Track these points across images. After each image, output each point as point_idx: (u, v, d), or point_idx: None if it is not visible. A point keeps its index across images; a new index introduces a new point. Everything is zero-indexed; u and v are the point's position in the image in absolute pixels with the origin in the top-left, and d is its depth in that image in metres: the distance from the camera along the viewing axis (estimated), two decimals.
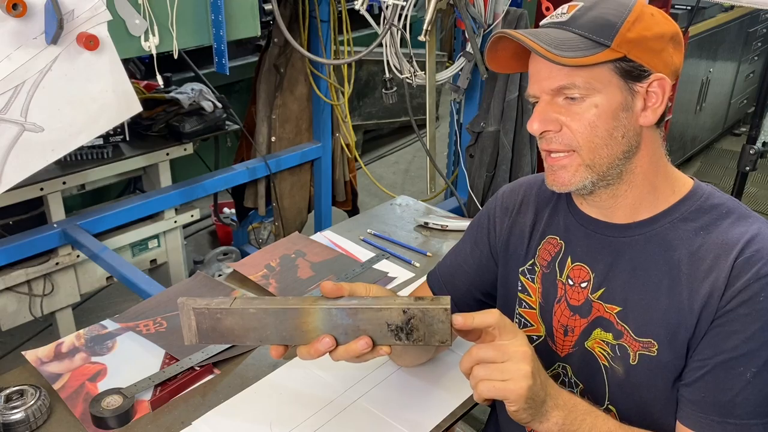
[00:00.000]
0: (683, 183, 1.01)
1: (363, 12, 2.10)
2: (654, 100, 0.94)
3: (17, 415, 1.13)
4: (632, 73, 0.92)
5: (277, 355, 1.00)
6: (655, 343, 0.96)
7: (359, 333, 0.96)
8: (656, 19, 0.93)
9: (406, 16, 2.08)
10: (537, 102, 0.98)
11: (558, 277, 1.07)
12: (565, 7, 0.97)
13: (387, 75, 2.26)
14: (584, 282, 1.03)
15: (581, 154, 0.95)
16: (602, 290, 1.01)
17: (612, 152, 0.94)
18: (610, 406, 1.03)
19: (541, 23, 0.99)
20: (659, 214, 0.99)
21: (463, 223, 1.86)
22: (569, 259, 1.06)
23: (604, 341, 1.01)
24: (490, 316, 0.91)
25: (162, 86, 1.94)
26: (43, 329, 2.73)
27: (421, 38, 2.13)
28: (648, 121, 0.95)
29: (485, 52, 1.02)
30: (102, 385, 1.25)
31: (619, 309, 0.99)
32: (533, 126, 0.97)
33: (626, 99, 0.93)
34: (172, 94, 2.62)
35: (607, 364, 1.01)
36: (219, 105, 2.66)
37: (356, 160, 3.10)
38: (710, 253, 0.93)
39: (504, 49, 1.00)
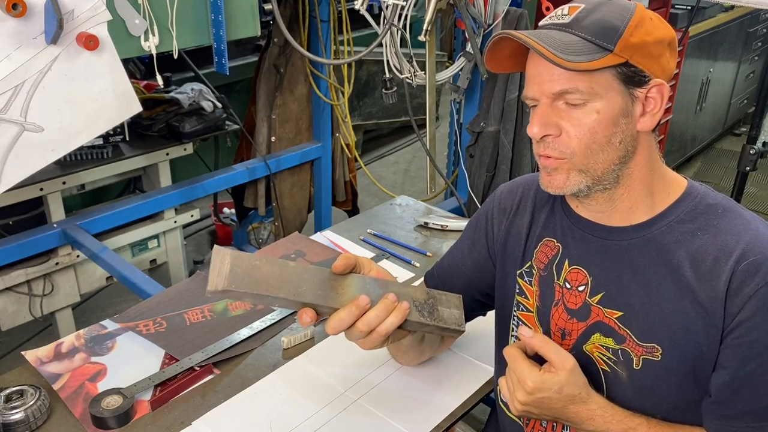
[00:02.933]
0: (678, 184, 1.00)
1: (363, 12, 2.10)
2: (652, 105, 0.94)
3: (17, 415, 1.13)
4: (633, 78, 0.91)
5: (309, 319, 0.95)
6: (660, 348, 0.95)
7: None
8: (655, 23, 0.93)
9: (406, 16, 2.08)
10: (535, 104, 0.97)
11: (555, 280, 1.07)
12: (565, 8, 0.95)
13: (387, 75, 2.26)
14: (582, 285, 1.03)
15: (573, 160, 0.94)
16: (601, 294, 1.01)
17: (608, 158, 0.94)
18: None
19: (541, 23, 0.98)
20: (656, 216, 0.98)
21: (463, 223, 1.86)
22: (566, 262, 1.05)
23: (603, 346, 1.01)
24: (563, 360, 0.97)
25: (162, 86, 1.94)
26: (43, 329, 2.73)
27: (421, 38, 2.13)
28: (646, 126, 0.94)
29: (485, 51, 1.01)
30: (102, 385, 1.25)
31: (620, 314, 0.99)
32: (533, 130, 0.95)
33: (626, 104, 0.92)
34: (172, 94, 2.62)
35: (606, 368, 1.01)
36: (219, 105, 2.66)
37: (356, 160, 3.10)
38: (709, 256, 0.93)
39: (502, 49, 0.99)
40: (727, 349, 0.91)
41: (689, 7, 3.56)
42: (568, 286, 1.04)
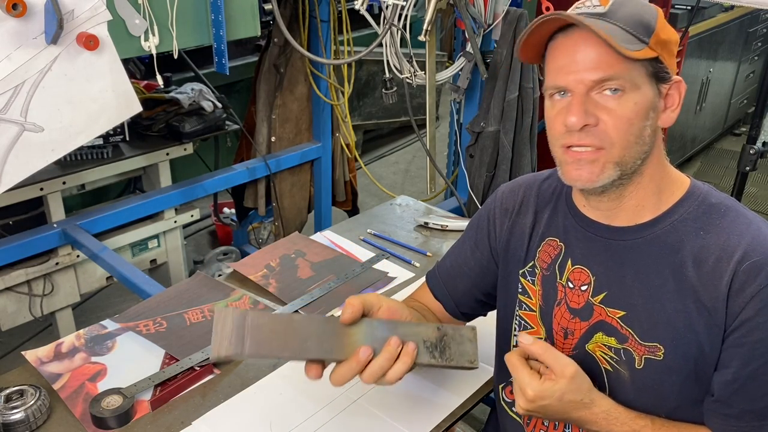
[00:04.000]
0: (681, 183, 1.01)
1: (363, 12, 2.10)
2: (671, 102, 0.95)
3: (17, 415, 1.13)
4: (659, 74, 0.92)
5: (316, 374, 0.96)
6: (662, 347, 0.96)
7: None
8: (667, 24, 0.95)
9: (406, 16, 2.08)
10: (560, 94, 0.94)
11: (558, 280, 1.07)
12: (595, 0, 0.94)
13: (387, 75, 2.26)
14: (584, 285, 1.03)
15: (612, 151, 0.92)
16: (604, 294, 1.01)
17: (639, 151, 0.93)
18: None
19: (572, 11, 0.94)
20: (660, 216, 0.98)
21: (463, 223, 1.86)
22: (569, 262, 1.05)
23: (606, 345, 1.01)
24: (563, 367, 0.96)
25: (162, 86, 1.94)
26: (43, 329, 2.73)
27: (421, 38, 2.13)
28: (668, 122, 0.95)
29: (524, 34, 0.95)
30: (102, 385, 1.25)
31: (623, 313, 0.99)
32: (570, 120, 0.91)
33: (655, 99, 0.93)
34: (172, 94, 2.62)
35: (608, 367, 1.01)
36: (219, 105, 2.66)
37: (356, 160, 3.10)
38: (711, 255, 0.93)
39: (535, 35, 0.95)
40: (729, 349, 0.92)
41: (689, 7, 3.56)
42: (571, 285, 1.04)
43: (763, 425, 0.92)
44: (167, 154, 2.57)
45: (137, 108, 1.55)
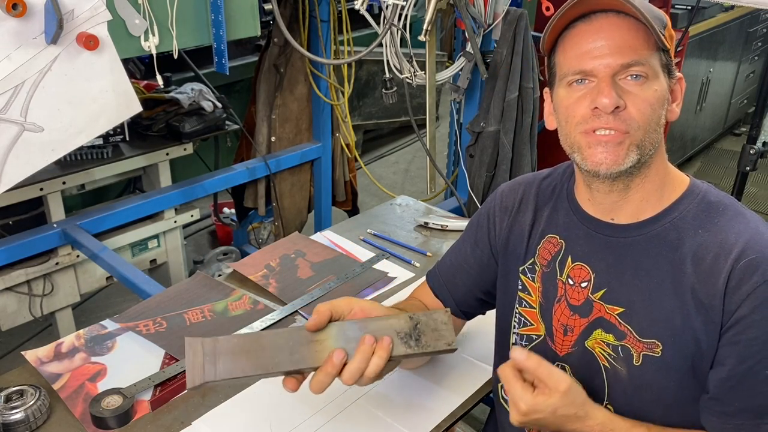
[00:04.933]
0: (680, 181, 1.02)
1: (363, 12, 2.10)
2: (674, 97, 0.98)
3: (17, 415, 1.13)
4: (668, 67, 0.95)
5: (291, 387, 0.97)
6: (660, 344, 0.96)
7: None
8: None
9: (406, 16, 2.08)
10: (580, 80, 0.94)
11: (558, 277, 1.07)
12: None
13: (387, 75, 2.26)
14: (584, 282, 1.03)
15: (636, 134, 0.93)
16: (603, 291, 1.01)
17: (656, 138, 0.95)
18: (608, 406, 1.03)
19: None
20: (660, 213, 0.99)
21: (463, 223, 1.86)
22: (569, 259, 1.06)
23: (605, 342, 1.01)
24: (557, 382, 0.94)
25: (162, 86, 1.94)
26: (43, 329, 2.73)
27: (421, 38, 2.13)
28: (674, 116, 0.98)
29: (553, 19, 0.95)
30: (102, 385, 1.25)
31: (621, 310, 0.99)
32: (603, 101, 0.91)
33: (667, 90, 0.95)
34: (172, 94, 2.62)
35: (607, 364, 1.01)
36: (219, 105, 2.66)
37: (356, 160, 3.10)
38: (709, 253, 0.93)
39: (561, 19, 0.95)
40: (725, 346, 0.92)
41: (689, 7, 3.56)
42: (571, 282, 1.05)
43: (759, 424, 0.92)
44: (167, 154, 2.57)
45: (137, 108, 1.55)
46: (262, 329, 1.41)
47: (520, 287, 1.13)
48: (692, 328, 0.93)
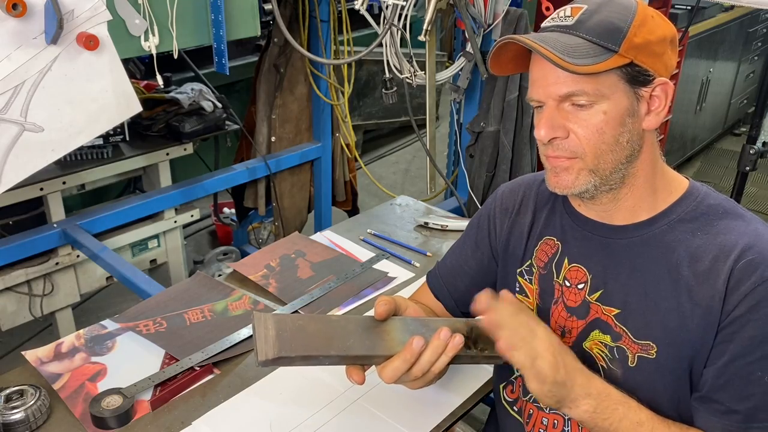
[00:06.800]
0: (679, 183, 1.01)
1: (363, 12, 2.10)
2: (657, 104, 0.94)
3: (17, 415, 1.13)
4: (638, 78, 0.92)
5: (358, 378, 0.96)
6: (654, 346, 0.96)
7: None
8: (657, 21, 0.93)
9: (406, 16, 2.08)
10: (540, 106, 0.97)
11: (555, 279, 1.07)
12: (567, 9, 0.95)
13: (387, 75, 2.26)
14: (581, 283, 1.03)
15: (585, 159, 0.94)
16: (600, 292, 1.01)
17: (616, 157, 0.94)
18: None
19: (544, 25, 0.97)
20: (657, 215, 0.99)
21: (463, 223, 1.86)
22: (566, 261, 1.06)
23: (602, 343, 1.01)
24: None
25: (162, 86, 1.94)
26: (43, 329, 2.73)
27: (421, 38, 2.13)
28: (652, 125, 0.95)
29: (489, 56, 1.00)
30: (102, 385, 1.25)
31: (617, 311, 0.99)
32: (540, 133, 0.94)
33: (632, 104, 0.93)
34: (172, 94, 2.62)
35: (605, 365, 1.01)
36: (219, 105, 2.66)
37: (356, 160, 3.10)
38: (708, 255, 0.93)
39: (507, 52, 0.99)
40: (719, 345, 0.91)
41: (689, 7, 3.56)
42: (568, 284, 1.05)
43: (749, 427, 0.91)
44: (167, 154, 2.57)
45: (137, 108, 1.55)
46: None
47: (517, 289, 1.13)
48: (687, 330, 0.93)
